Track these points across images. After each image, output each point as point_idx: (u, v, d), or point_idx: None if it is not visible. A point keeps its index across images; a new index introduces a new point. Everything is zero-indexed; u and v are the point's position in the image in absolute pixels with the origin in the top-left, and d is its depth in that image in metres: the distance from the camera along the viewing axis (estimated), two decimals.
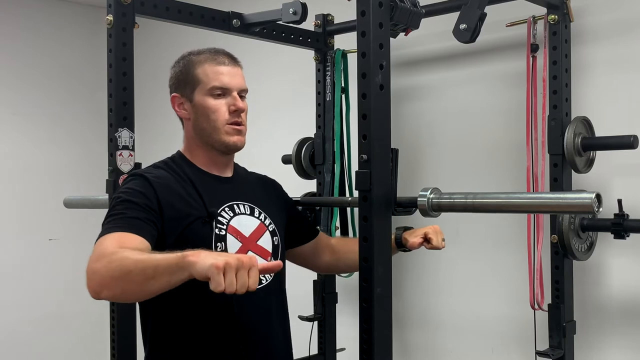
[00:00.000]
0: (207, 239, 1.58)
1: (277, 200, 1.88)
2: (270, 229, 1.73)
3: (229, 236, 1.62)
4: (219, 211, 1.63)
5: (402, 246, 1.79)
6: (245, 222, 1.67)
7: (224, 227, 1.62)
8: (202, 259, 1.19)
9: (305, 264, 1.99)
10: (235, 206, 1.68)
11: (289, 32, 2.57)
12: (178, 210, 1.57)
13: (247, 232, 1.66)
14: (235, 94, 1.67)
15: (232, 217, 1.65)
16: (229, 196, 1.69)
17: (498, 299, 2.45)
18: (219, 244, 1.59)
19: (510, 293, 2.39)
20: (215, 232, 1.59)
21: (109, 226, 1.48)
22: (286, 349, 1.78)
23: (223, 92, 1.66)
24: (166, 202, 1.56)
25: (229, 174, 1.75)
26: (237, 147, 1.70)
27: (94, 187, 3.05)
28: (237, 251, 1.62)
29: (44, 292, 3.95)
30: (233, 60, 1.72)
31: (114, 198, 1.58)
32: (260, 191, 1.82)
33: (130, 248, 1.37)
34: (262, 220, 1.72)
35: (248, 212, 1.69)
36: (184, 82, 1.68)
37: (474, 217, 2.40)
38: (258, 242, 1.68)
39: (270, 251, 1.71)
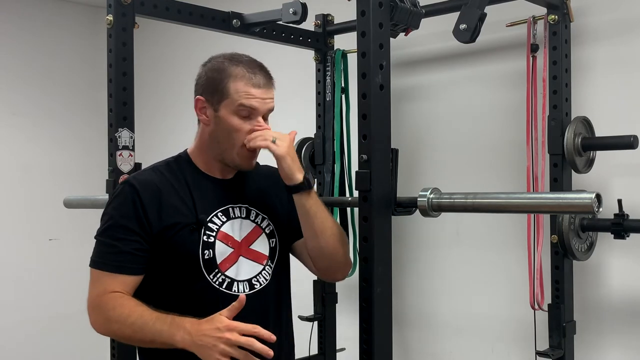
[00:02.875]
0: (194, 248, 1.56)
1: (281, 194, 1.75)
2: (267, 232, 1.69)
3: (218, 243, 1.59)
4: (210, 217, 1.60)
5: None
6: (239, 227, 1.64)
7: (214, 233, 1.59)
8: (202, 351, 1.39)
9: (304, 262, 1.83)
10: (230, 210, 1.65)
11: (289, 32, 2.57)
12: (167, 220, 1.56)
13: (239, 237, 1.63)
14: (260, 117, 1.64)
15: (224, 223, 1.62)
16: (224, 200, 1.65)
17: (498, 299, 2.45)
18: (206, 251, 1.57)
19: (510, 293, 2.39)
20: (204, 240, 1.57)
21: (100, 259, 1.55)
22: (286, 353, 1.73)
23: (249, 113, 1.61)
24: (154, 215, 1.55)
25: (230, 175, 1.71)
26: (246, 170, 1.68)
27: (94, 187, 3.04)
28: (227, 257, 1.59)
29: (43, 292, 3.95)
30: (268, 82, 1.65)
31: (103, 218, 1.59)
32: (264, 189, 1.76)
33: (125, 299, 1.53)
34: (258, 222, 1.69)
35: (244, 215, 1.66)
36: (214, 89, 1.62)
37: (474, 217, 2.41)
38: (251, 247, 1.65)
39: (267, 254, 1.67)
